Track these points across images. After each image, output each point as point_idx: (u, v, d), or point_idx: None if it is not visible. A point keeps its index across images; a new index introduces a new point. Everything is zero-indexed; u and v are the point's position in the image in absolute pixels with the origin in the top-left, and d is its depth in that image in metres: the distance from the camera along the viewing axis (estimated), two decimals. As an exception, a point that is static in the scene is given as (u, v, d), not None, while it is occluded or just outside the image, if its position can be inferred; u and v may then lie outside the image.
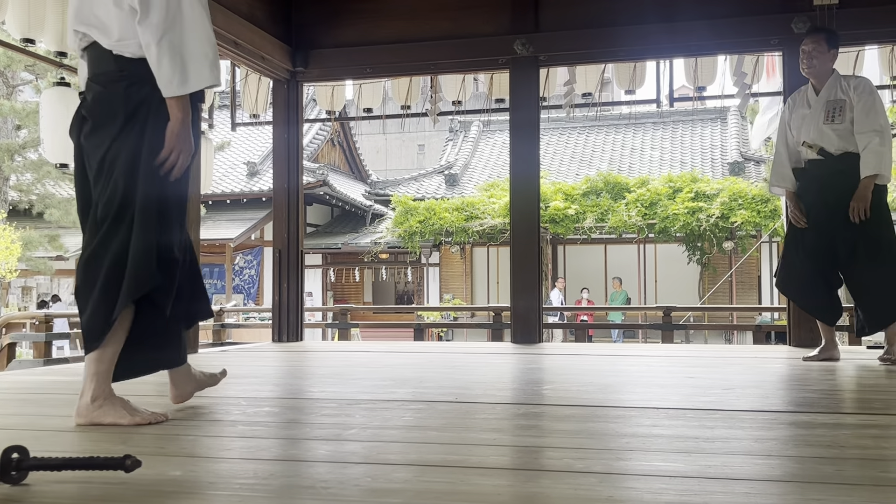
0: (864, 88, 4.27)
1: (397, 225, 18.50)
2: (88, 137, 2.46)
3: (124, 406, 2.47)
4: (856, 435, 2.27)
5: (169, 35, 2.33)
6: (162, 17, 2.32)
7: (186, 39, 2.36)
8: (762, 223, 16.22)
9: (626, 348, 6.94)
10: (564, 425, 2.50)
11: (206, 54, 2.39)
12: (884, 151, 4.13)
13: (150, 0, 2.32)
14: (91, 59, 2.51)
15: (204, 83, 2.40)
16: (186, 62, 2.35)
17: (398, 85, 7.09)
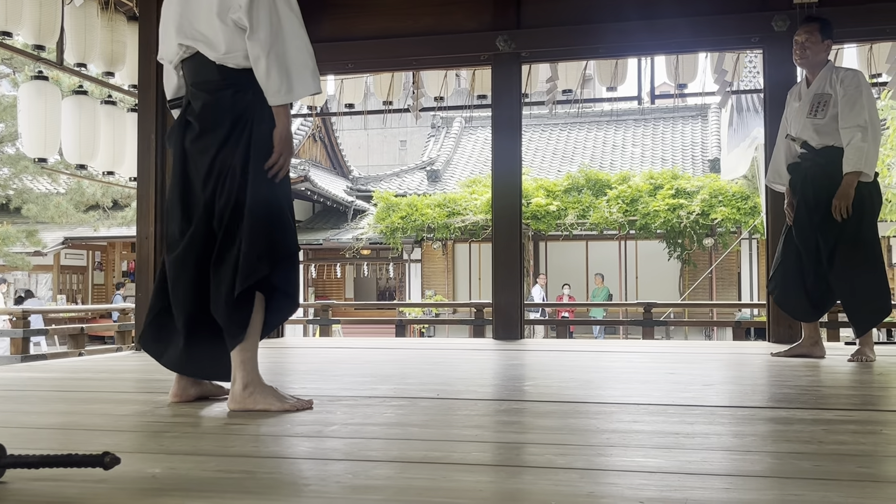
0: (851, 82, 4.18)
1: (379, 221, 18.47)
2: (195, 142, 2.62)
3: (273, 393, 2.62)
4: (833, 430, 2.29)
5: (275, 48, 2.51)
6: (268, 33, 2.51)
7: (289, 51, 2.54)
8: (742, 220, 16.33)
9: (607, 344, 6.97)
10: (546, 421, 2.50)
11: (306, 64, 2.57)
12: (865, 147, 4.05)
13: (258, 17, 2.51)
14: (191, 69, 2.68)
15: (308, 91, 2.58)
16: (291, 72, 2.53)
17: (380, 80, 7.07)
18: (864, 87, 4.19)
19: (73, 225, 19.18)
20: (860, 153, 4.06)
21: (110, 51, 5.59)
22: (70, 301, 20.84)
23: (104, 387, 3.53)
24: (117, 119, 5.95)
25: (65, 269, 21.28)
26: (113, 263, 22.01)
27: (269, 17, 2.51)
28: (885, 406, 2.81)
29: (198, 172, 2.61)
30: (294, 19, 2.57)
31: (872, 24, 5.51)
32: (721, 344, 7.78)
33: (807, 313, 4.42)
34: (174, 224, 2.68)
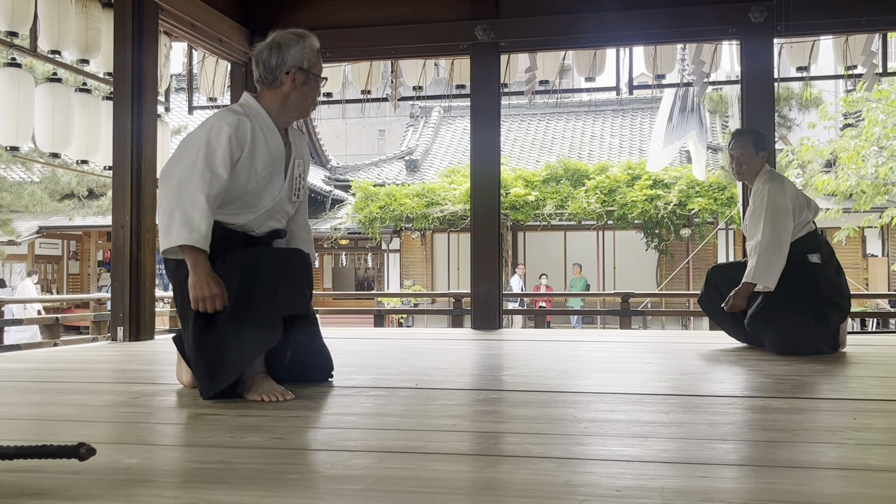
0: (757, 191, 4.32)
1: (357, 211, 18.42)
2: None
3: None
4: (808, 419, 2.32)
5: (167, 197, 2.63)
6: (168, 185, 2.65)
7: (182, 201, 2.59)
8: (719, 210, 16.43)
9: (584, 334, 7.00)
10: (524, 411, 2.51)
11: (189, 217, 2.58)
12: (762, 263, 4.17)
13: (165, 173, 2.68)
14: None
15: (180, 241, 2.58)
16: (173, 221, 2.59)
17: (358, 69, 7.04)
18: (768, 197, 4.23)
19: (48, 214, 18.98)
20: (759, 268, 4.19)
21: (85, 38, 5.52)
22: (45, 291, 20.63)
23: (80, 377, 3.50)
24: (92, 107, 5.88)
25: (39, 259, 21.05)
26: (88, 253, 21.80)
27: (179, 171, 2.64)
28: (859, 395, 2.84)
29: None
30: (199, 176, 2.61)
31: (848, 16, 5.55)
32: (697, 334, 7.83)
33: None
34: None
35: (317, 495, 1.52)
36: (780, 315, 4.17)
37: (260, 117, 2.78)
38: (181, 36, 5.98)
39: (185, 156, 2.64)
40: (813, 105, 14.85)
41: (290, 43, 2.79)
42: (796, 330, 4.14)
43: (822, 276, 4.26)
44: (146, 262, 5.25)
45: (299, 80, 2.81)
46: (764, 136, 4.49)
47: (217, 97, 7.06)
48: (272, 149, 2.77)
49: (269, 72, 2.79)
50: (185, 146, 2.68)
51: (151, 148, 5.36)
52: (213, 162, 2.62)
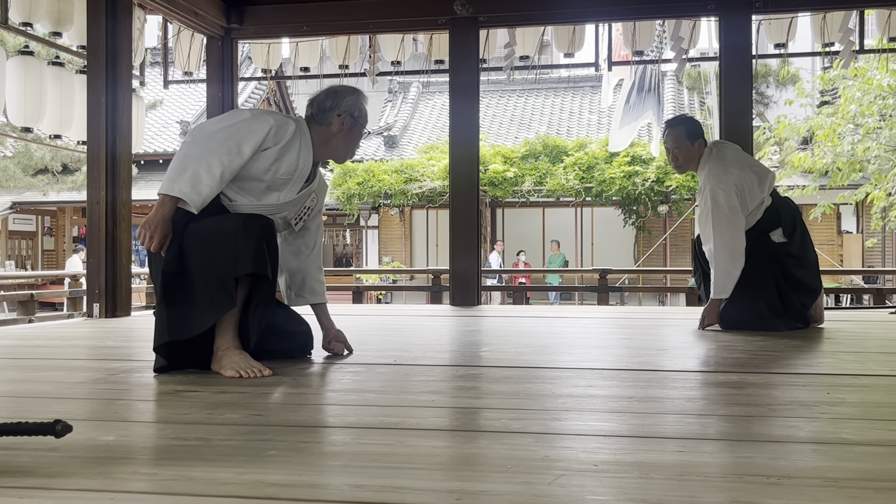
0: (701, 190, 4.16)
1: (336, 187, 18.33)
2: None
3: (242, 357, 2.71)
4: (783, 394, 2.34)
5: (185, 147, 2.73)
6: (191, 134, 2.77)
7: (196, 155, 2.69)
8: (696, 187, 16.49)
9: (562, 310, 7.03)
10: (502, 387, 2.52)
11: (199, 174, 2.66)
12: (716, 278, 4.08)
13: (196, 131, 2.79)
14: None
15: (179, 194, 2.66)
16: (184, 172, 2.67)
17: (336, 44, 6.97)
18: (713, 205, 4.06)
19: (22, 189, 18.76)
20: (717, 285, 4.09)
21: (57, 10, 5.43)
22: (19, 267, 20.43)
23: (55, 354, 3.47)
24: (65, 81, 5.79)
25: (13, 235, 20.83)
26: (63, 229, 21.59)
27: (202, 126, 2.79)
28: (833, 370, 2.88)
29: None
30: (218, 139, 2.71)
31: (826, -7, 5.56)
32: (674, 309, 7.89)
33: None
34: None
35: (296, 471, 1.52)
36: (747, 305, 4.11)
37: (305, 136, 2.92)
38: (156, 9, 5.89)
39: (224, 123, 2.76)
40: (790, 82, 14.94)
41: (347, 93, 2.99)
42: (763, 318, 4.11)
43: (786, 255, 4.16)
44: (122, 238, 5.20)
45: (347, 125, 2.97)
46: (697, 124, 4.26)
47: (192, 71, 6.98)
48: (301, 164, 2.89)
49: (322, 111, 2.96)
50: (231, 115, 2.83)
51: (126, 122, 5.30)
52: (244, 142, 2.73)
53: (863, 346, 3.66)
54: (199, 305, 2.63)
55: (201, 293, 2.63)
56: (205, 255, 2.63)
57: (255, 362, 2.67)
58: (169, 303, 2.65)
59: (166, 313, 2.65)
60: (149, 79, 9.96)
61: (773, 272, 4.14)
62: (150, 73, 12.03)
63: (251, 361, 2.67)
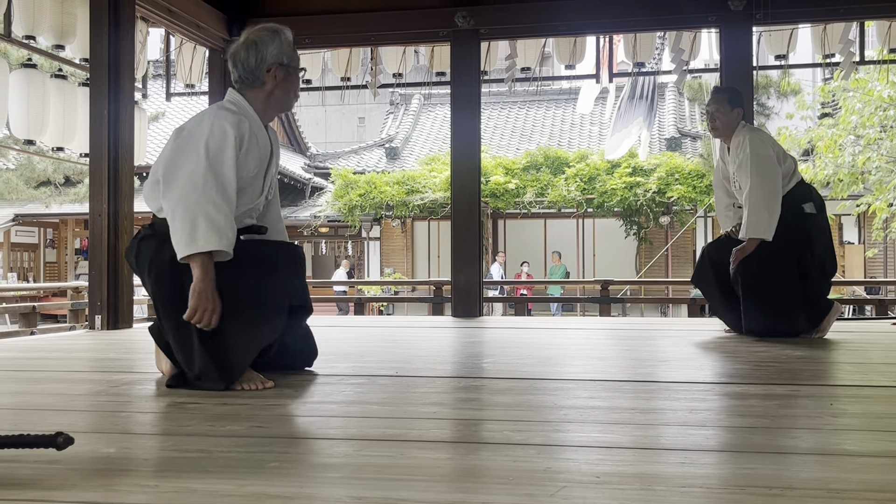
0: (742, 148, 4.27)
1: (337, 198, 18.35)
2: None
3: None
4: (786, 405, 2.34)
5: (184, 202, 2.52)
6: (180, 186, 2.53)
7: (202, 205, 2.51)
8: (698, 198, 16.52)
9: (564, 321, 7.03)
10: (504, 398, 2.52)
11: (215, 222, 2.52)
12: (754, 219, 4.16)
13: (171, 174, 2.56)
14: None
15: (211, 247, 2.51)
16: (197, 226, 2.50)
17: (338, 56, 7.00)
18: (750, 149, 4.22)
19: (24, 201, 18.79)
20: (753, 224, 4.17)
21: (60, 23, 5.45)
22: (21, 279, 20.44)
23: (57, 366, 3.47)
24: (68, 93, 5.81)
25: (15, 247, 20.84)
26: (65, 241, 21.61)
27: (189, 173, 2.53)
28: (836, 381, 2.87)
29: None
30: (213, 181, 2.54)
31: (825, 5, 5.58)
32: (676, 321, 7.89)
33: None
34: None
35: (297, 483, 1.52)
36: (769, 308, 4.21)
37: (251, 117, 2.73)
38: (158, 21, 5.91)
39: (189, 157, 2.55)
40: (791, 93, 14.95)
41: (267, 40, 2.74)
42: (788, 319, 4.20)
43: (815, 228, 4.32)
44: (124, 250, 5.20)
45: (280, 77, 2.77)
46: (740, 94, 4.49)
47: (195, 84, 7.00)
48: (261, 149, 2.75)
49: (250, 72, 2.74)
50: (185, 147, 2.59)
51: (129, 135, 5.31)
52: (223, 166, 2.57)
53: (865, 356, 3.65)
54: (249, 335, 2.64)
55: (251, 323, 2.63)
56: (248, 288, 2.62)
57: (256, 374, 2.66)
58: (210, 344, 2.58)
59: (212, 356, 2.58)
60: (151, 91, 10.01)
61: (801, 244, 4.27)
62: (153, 86, 12.09)
63: (252, 373, 2.66)
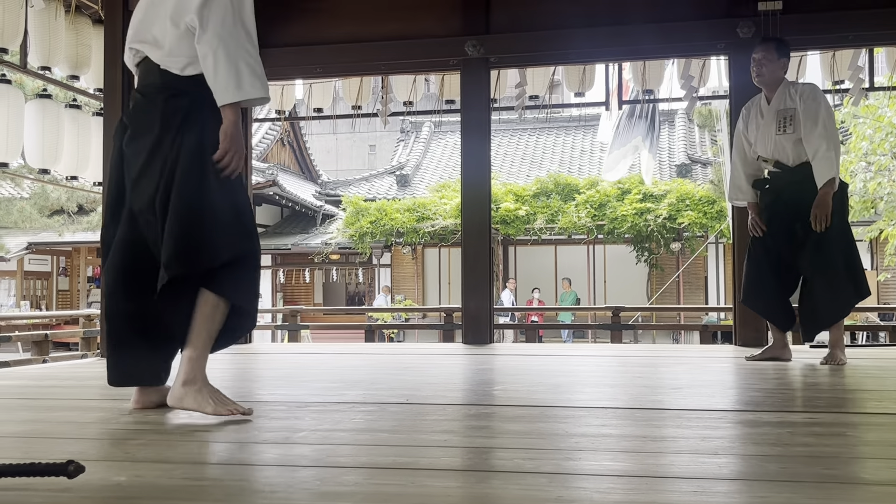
0: (808, 94, 4.27)
1: (348, 225, 18.42)
2: (128, 144, 2.62)
3: (212, 395, 2.56)
4: (800, 433, 2.32)
5: (224, 47, 2.48)
6: (217, 32, 2.48)
7: (240, 53, 2.51)
8: (709, 224, 16.50)
9: (575, 348, 7.00)
10: (515, 426, 2.50)
11: (254, 69, 2.53)
12: (832, 156, 4.13)
13: (207, 17, 2.49)
14: (140, 73, 2.69)
15: (257, 93, 2.53)
16: (241, 72, 2.50)
17: (349, 85, 7.05)
18: (822, 98, 4.28)
19: (38, 230, 18.92)
20: (830, 162, 4.13)
21: (75, 54, 5.53)
22: (34, 307, 20.53)
23: (68, 394, 3.48)
24: (82, 123, 5.88)
25: (28, 275, 20.97)
26: (78, 269, 21.72)
27: (221, 20, 2.50)
28: (851, 408, 2.85)
29: (129, 175, 2.61)
30: (244, 28, 2.55)
31: (835, 32, 5.59)
32: (688, 347, 7.84)
33: (786, 321, 4.49)
34: (105, 229, 2.70)
35: (307, 512, 1.51)
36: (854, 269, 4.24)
37: None
38: (171, 52, 5.98)
39: (217, 5, 2.51)
40: (801, 120, 14.89)
41: None
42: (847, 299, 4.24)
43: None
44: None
45: None
46: (787, 45, 4.46)
47: (207, 113, 7.05)
48: None
49: None
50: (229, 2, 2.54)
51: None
52: (247, 13, 2.59)
53: (880, 384, 3.62)
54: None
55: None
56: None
57: (230, 400, 2.60)
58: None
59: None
60: (164, 120, 10.08)
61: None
62: (166, 115, 12.15)
63: (227, 398, 2.60)
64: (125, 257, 2.60)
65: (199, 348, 2.57)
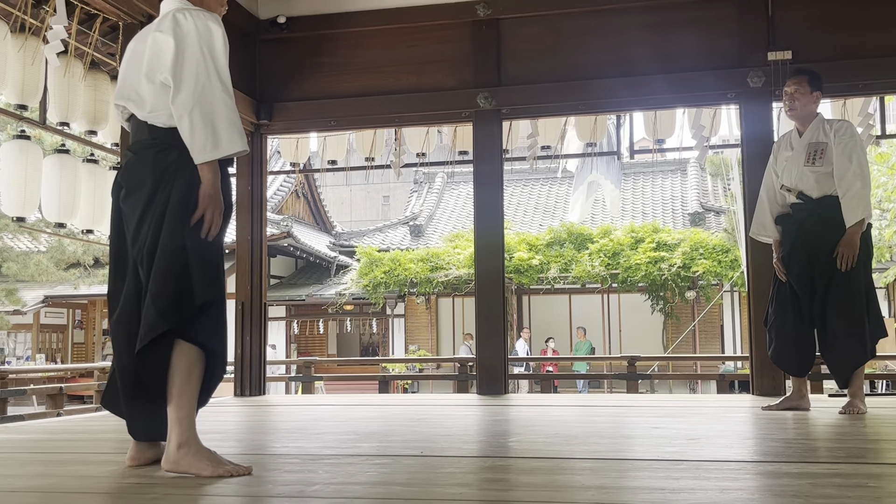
0: (845, 131, 4.25)
1: (362, 276, 18.44)
2: (125, 201, 2.66)
3: (209, 456, 2.53)
4: (820, 484, 2.28)
5: (199, 106, 2.51)
6: (191, 92, 2.51)
7: (215, 109, 2.53)
8: (723, 273, 16.42)
9: (591, 399, 6.94)
10: (531, 478, 2.48)
11: (233, 122, 2.56)
12: (866, 195, 4.13)
13: (181, 77, 2.52)
14: (132, 130, 2.74)
15: (234, 149, 2.56)
16: (217, 130, 2.53)
17: (362, 137, 7.13)
18: (857, 136, 4.29)
19: (54, 283, 19.03)
20: (862, 202, 4.12)
21: (93, 110, 5.61)
22: (49, 360, 20.57)
23: (82, 448, 3.47)
24: (98, 177, 5.95)
25: (44, 328, 21.05)
26: (94, 321, 21.79)
27: (195, 77, 2.53)
28: (872, 459, 2.81)
29: (128, 230, 2.64)
30: (218, 80, 2.57)
31: (844, 80, 5.62)
32: (705, 397, 7.76)
33: (802, 368, 4.41)
34: (110, 283, 2.73)
35: (321, 568, 1.49)
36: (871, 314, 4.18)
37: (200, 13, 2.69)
38: (188, 106, 6.06)
39: (190, 58, 2.53)
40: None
41: None
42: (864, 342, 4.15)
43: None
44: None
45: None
46: (820, 78, 4.42)
47: (223, 166, 7.12)
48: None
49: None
50: (183, 47, 2.54)
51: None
52: (220, 62, 2.59)
53: (901, 433, 3.57)
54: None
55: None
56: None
57: (226, 460, 2.56)
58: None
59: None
60: (180, 173, 10.21)
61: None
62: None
63: (223, 458, 2.56)
64: (133, 311, 2.60)
65: (185, 407, 2.54)
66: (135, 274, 2.61)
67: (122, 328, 2.61)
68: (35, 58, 5.08)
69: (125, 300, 2.62)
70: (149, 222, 2.56)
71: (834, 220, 4.16)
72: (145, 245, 2.55)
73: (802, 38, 5.71)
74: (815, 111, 4.39)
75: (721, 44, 5.88)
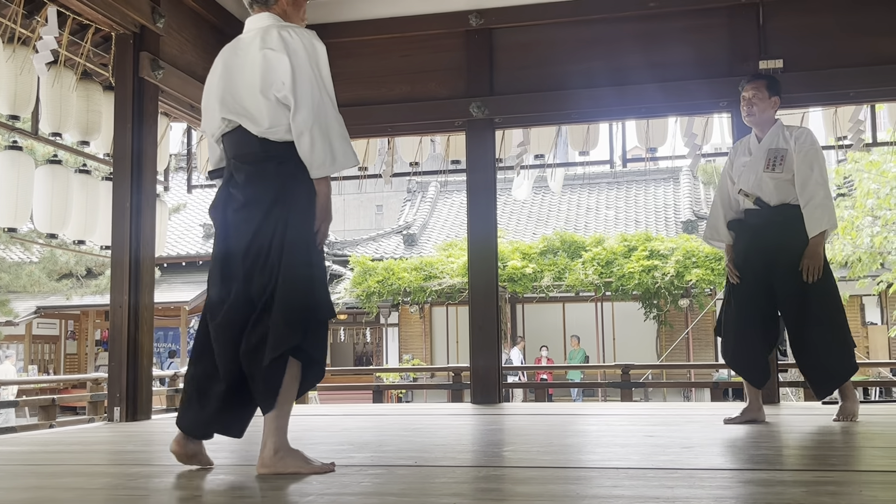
0: (805, 138, 4.18)
1: (355, 285, 18.42)
2: (238, 212, 2.74)
3: (301, 457, 2.71)
4: (813, 492, 2.28)
5: (318, 124, 2.64)
6: (310, 110, 2.63)
7: (331, 126, 2.67)
8: (716, 281, 16.45)
9: (585, 407, 6.94)
10: (525, 488, 2.47)
11: (345, 138, 2.70)
12: (829, 205, 4.07)
13: (301, 96, 2.63)
14: (233, 142, 2.79)
15: (350, 163, 2.70)
16: (333, 146, 2.66)
17: (355, 146, 7.12)
18: (818, 145, 4.21)
19: (46, 294, 18.95)
20: (826, 211, 4.05)
21: (86, 120, 5.61)
22: (42, 371, 20.48)
23: (75, 459, 3.45)
24: (90, 188, 5.93)
25: (37, 339, 20.96)
26: (86, 332, 21.72)
27: (311, 95, 2.64)
28: (865, 466, 2.81)
29: (239, 242, 2.71)
30: (330, 97, 2.70)
31: (836, 89, 5.66)
32: (699, 405, 7.76)
33: (759, 377, 4.29)
34: (214, 290, 2.78)
35: (315, 580, 1.48)
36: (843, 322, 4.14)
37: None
38: (180, 117, 6.07)
39: (305, 75, 2.66)
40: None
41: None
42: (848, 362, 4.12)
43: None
44: (144, 341, 5.22)
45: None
46: (778, 83, 4.38)
47: (216, 176, 7.12)
48: None
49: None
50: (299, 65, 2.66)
51: (150, 227, 5.39)
52: (328, 81, 2.72)
53: (894, 441, 3.57)
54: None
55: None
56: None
57: (314, 459, 2.74)
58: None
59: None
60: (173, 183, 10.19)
61: None
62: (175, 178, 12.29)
63: (311, 458, 2.73)
64: (240, 319, 2.67)
65: (285, 416, 2.70)
66: (245, 284, 2.68)
67: (226, 333, 2.69)
68: (26, 68, 5.08)
69: (231, 307, 2.69)
70: (269, 234, 2.65)
71: (793, 229, 4.09)
72: (267, 257, 2.64)
73: (793, 46, 5.75)
74: (774, 117, 4.33)
75: (713, 53, 5.91)
